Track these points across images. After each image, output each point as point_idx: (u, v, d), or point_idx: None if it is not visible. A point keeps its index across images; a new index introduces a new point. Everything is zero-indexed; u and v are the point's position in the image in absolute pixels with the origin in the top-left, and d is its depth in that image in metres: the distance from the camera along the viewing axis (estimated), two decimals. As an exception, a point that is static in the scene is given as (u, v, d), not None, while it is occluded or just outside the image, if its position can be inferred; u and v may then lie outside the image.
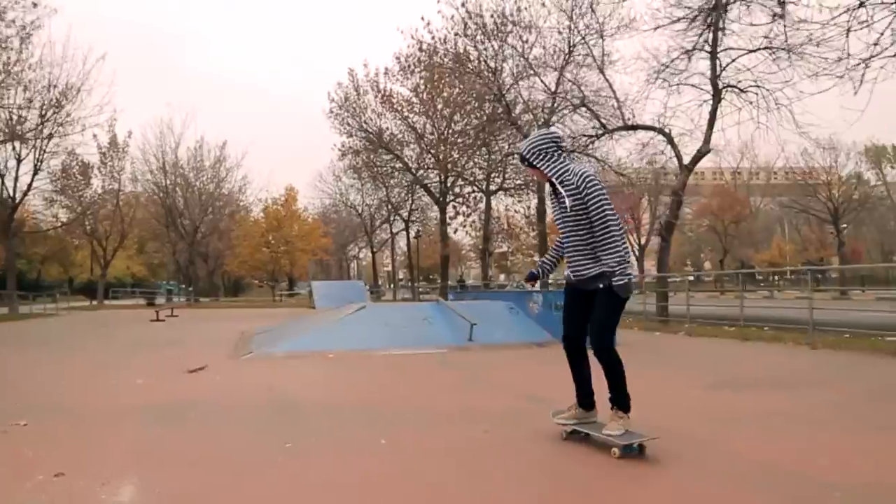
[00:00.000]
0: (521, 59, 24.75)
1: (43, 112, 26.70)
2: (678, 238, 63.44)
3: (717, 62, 18.52)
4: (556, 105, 24.81)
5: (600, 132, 20.19)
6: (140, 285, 55.31)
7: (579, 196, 3.99)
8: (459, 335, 11.54)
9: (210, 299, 47.25)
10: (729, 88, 18.60)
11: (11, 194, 29.78)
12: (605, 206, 3.96)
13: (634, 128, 19.37)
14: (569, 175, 4.06)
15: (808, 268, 18.71)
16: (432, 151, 38.31)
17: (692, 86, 18.79)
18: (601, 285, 4.01)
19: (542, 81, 25.39)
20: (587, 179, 4.00)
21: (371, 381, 7.96)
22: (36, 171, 29.89)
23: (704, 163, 26.07)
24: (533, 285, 4.85)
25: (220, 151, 45.98)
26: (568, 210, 4.04)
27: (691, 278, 38.37)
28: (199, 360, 9.23)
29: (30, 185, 30.44)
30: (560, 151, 4.19)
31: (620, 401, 4.11)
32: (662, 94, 19.02)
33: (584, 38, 21.20)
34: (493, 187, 33.17)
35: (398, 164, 40.17)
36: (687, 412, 5.61)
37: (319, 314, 15.48)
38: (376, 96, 38.72)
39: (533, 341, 11.71)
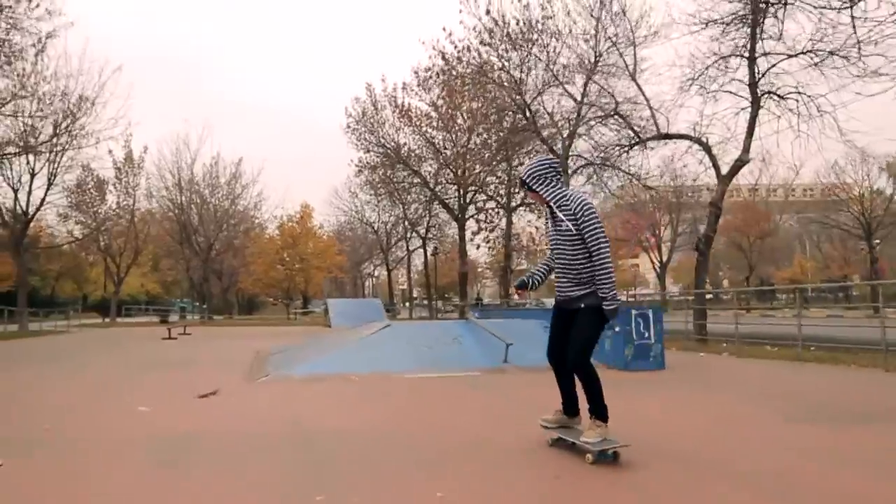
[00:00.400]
0: (547, 68, 23.92)
1: (57, 123, 26.18)
2: (692, 256, 62.55)
3: (756, 67, 17.62)
4: (582, 116, 23.96)
5: (634, 141, 19.24)
6: (154, 303, 54.79)
7: (576, 222, 4.18)
8: (492, 356, 10.57)
9: (224, 317, 46.66)
10: (768, 95, 17.68)
11: (24, 209, 29.25)
12: (600, 234, 4.17)
13: (669, 137, 18.44)
14: (567, 200, 4.24)
15: (875, 282, 17.51)
16: (451, 166, 37.70)
17: (730, 92, 17.88)
18: (583, 304, 4.24)
19: (566, 91, 24.59)
20: (584, 206, 4.19)
21: (404, 408, 7.01)
22: (49, 184, 29.40)
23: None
24: (521, 295, 4.96)
25: (235, 168, 45.49)
26: (568, 233, 4.21)
27: (725, 296, 37.11)
28: (211, 383, 8.35)
29: (43, 200, 29.92)
30: (558, 177, 4.41)
31: (598, 411, 4.30)
32: (697, 102, 18.02)
33: (614, 44, 20.29)
34: (513, 203, 32.22)
35: (416, 180, 39.50)
36: (777, 450, 4.64)
37: (339, 333, 14.56)
38: (394, 111, 38.24)
39: (574, 363, 10.74)
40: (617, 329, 10.42)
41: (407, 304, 65.83)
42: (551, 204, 4.27)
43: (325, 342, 12.52)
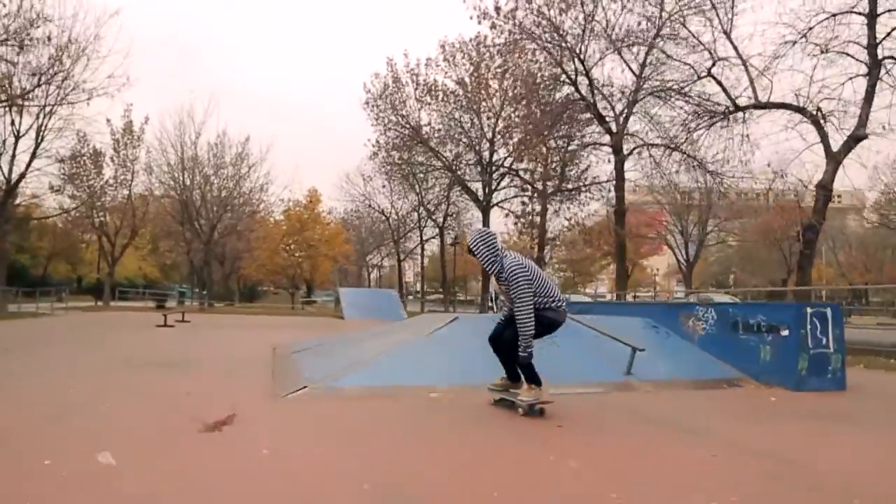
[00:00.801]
0: (604, 33, 20.95)
1: (40, 70, 23.02)
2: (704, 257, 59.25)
3: (876, 27, 14.71)
4: (642, 82, 21.08)
5: (731, 109, 16.27)
6: (151, 287, 51.64)
7: (508, 284, 5.41)
8: (608, 366, 7.70)
9: (224, 304, 43.57)
10: (892, 60, 14.76)
11: (7, 175, 26.25)
12: (523, 297, 5.32)
13: (769, 106, 15.46)
14: (502, 272, 5.45)
15: None
16: (476, 149, 34.84)
17: (845, 54, 14.91)
18: None
19: (625, 62, 21.66)
20: (512, 274, 5.37)
21: (537, 457, 4.08)
22: (37, 147, 26.39)
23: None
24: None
25: (242, 147, 42.30)
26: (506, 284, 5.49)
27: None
28: (222, 401, 5.48)
29: (28, 165, 26.86)
30: (497, 247, 5.59)
31: (532, 379, 5.50)
32: (798, 67, 14.99)
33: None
34: (550, 188, 29.21)
35: (437, 163, 36.62)
36: None
37: (380, 327, 11.58)
38: (416, 88, 35.37)
39: (716, 378, 7.86)
40: (785, 332, 7.52)
41: (416, 296, 63.04)
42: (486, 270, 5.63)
43: (367, 338, 9.58)
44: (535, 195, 30.28)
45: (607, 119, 22.49)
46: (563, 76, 22.55)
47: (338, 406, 5.60)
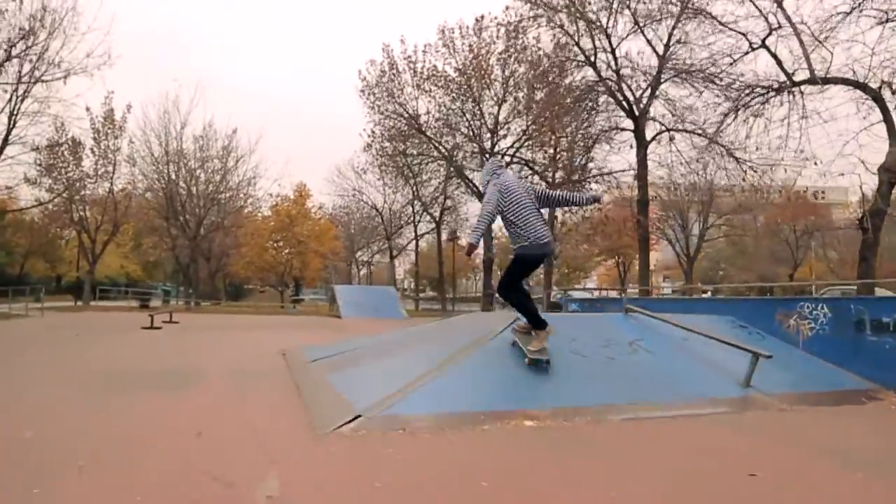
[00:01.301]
0: (629, 7, 19.41)
1: (13, 42, 20.97)
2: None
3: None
4: (665, 61, 19.59)
5: (787, 85, 14.75)
6: (134, 286, 49.54)
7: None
8: (714, 377, 6.16)
9: (211, 303, 41.66)
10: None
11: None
12: (487, 198, 5.82)
13: (828, 81, 13.95)
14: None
15: None
16: (476, 141, 33.30)
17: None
18: None
19: (648, 41, 20.18)
20: (487, 183, 5.97)
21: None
22: (9, 132, 24.42)
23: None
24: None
25: (228, 140, 40.30)
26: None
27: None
28: (250, 443, 3.86)
29: (0, 151, 24.81)
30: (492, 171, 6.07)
31: (535, 324, 5.80)
32: (857, 38, 13.49)
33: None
34: (558, 178, 27.66)
35: (434, 153, 35.07)
36: None
37: (406, 330, 9.92)
38: (414, 75, 33.76)
39: (848, 389, 6.36)
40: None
41: (400, 293, 61.50)
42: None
43: (399, 345, 7.95)
44: (544, 185, 28.68)
45: (627, 103, 20.99)
46: (581, 56, 20.99)
47: (413, 445, 4.00)
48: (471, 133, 33.39)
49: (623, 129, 21.75)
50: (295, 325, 20.33)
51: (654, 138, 20.82)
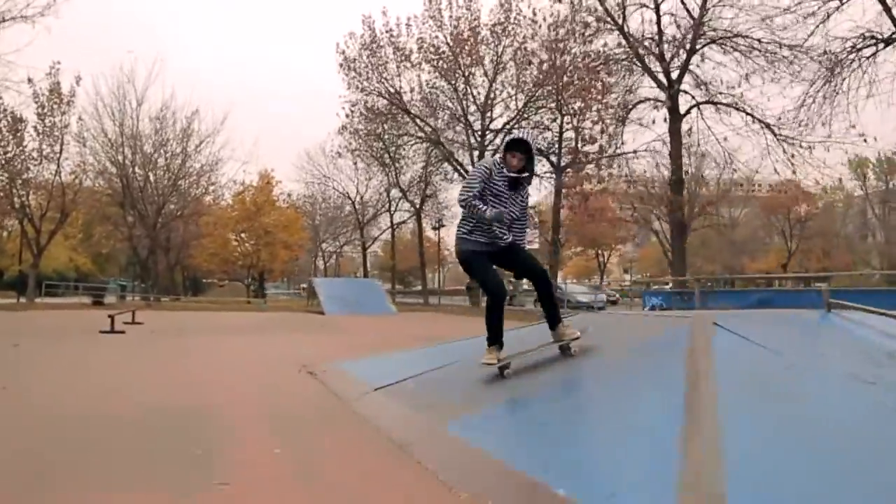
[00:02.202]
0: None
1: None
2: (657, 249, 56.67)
3: None
4: (704, 20, 17.25)
5: (868, 43, 12.47)
6: (85, 280, 45.42)
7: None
8: None
9: (170, 299, 38.09)
10: None
11: None
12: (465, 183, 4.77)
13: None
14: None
15: None
16: (465, 120, 30.77)
17: None
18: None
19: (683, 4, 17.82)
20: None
21: None
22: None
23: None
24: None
25: (188, 122, 36.60)
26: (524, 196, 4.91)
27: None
28: None
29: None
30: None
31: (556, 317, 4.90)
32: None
33: None
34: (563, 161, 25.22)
35: (419, 135, 32.48)
36: None
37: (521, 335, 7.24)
38: (396, 51, 31.07)
39: None
40: None
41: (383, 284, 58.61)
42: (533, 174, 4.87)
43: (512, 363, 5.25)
44: (551, 166, 26.24)
45: (658, 72, 18.61)
46: (608, 20, 18.51)
47: None
48: (458, 112, 30.90)
49: (650, 100, 19.34)
50: (280, 325, 17.44)
51: (689, 111, 18.52)
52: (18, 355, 8.77)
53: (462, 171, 31.27)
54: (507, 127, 29.22)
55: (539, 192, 33.73)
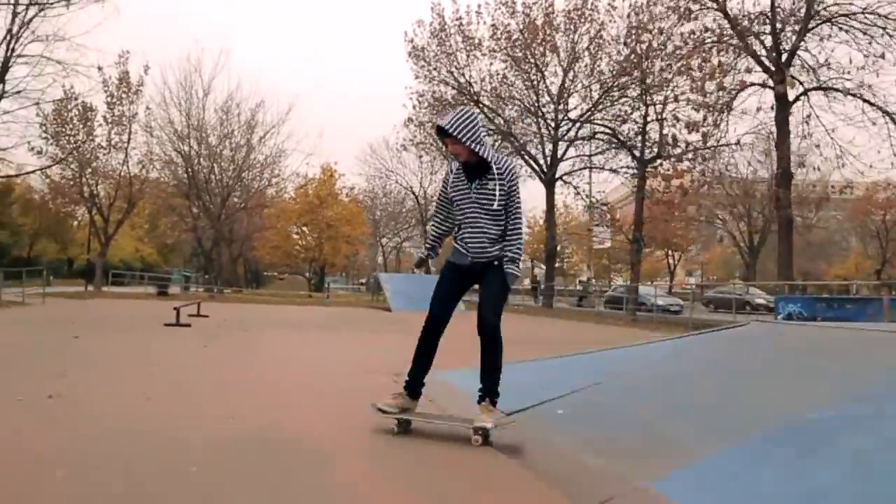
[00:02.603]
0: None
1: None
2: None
3: None
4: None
5: None
6: (150, 271, 45.75)
7: (504, 187, 3.75)
8: None
9: (232, 291, 37.82)
10: None
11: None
12: (520, 204, 3.86)
13: None
14: (499, 163, 3.80)
15: None
16: (537, 114, 29.37)
17: None
18: (496, 262, 3.81)
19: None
20: (513, 174, 3.84)
21: None
22: (4, 72, 20.59)
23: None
24: (419, 272, 6.76)
25: (252, 114, 36.09)
26: (492, 196, 3.73)
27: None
28: None
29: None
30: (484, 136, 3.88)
31: (494, 389, 3.76)
32: None
33: None
34: (648, 154, 23.54)
35: (490, 126, 31.20)
36: None
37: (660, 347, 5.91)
38: (464, 40, 29.91)
39: None
40: None
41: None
42: (489, 163, 3.72)
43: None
44: (632, 159, 24.63)
45: (762, 55, 16.89)
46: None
47: None
48: (531, 102, 29.54)
49: (762, 87, 17.58)
50: (350, 321, 16.46)
51: (797, 98, 16.76)
52: (77, 350, 7.91)
53: (534, 165, 29.93)
54: (583, 118, 27.79)
55: (609, 184, 32.17)
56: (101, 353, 7.69)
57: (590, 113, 27.09)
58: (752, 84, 17.76)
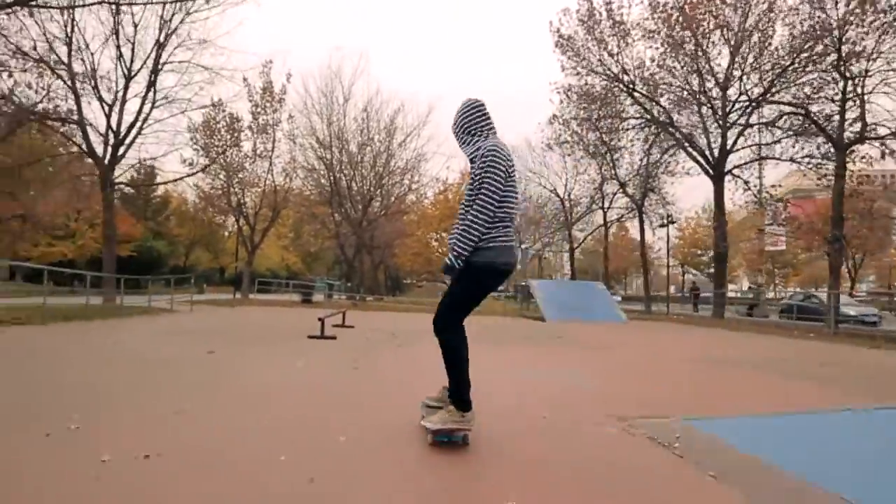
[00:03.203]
0: None
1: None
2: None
3: None
4: None
5: None
6: (295, 278, 46.45)
7: (474, 172, 3.54)
8: None
9: (373, 298, 37.21)
10: None
11: (115, 127, 20.55)
12: (491, 188, 3.42)
13: None
14: (477, 154, 3.59)
15: None
16: (707, 100, 26.26)
17: None
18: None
19: None
20: (484, 158, 3.49)
21: None
22: (152, 82, 20.68)
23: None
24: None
25: (391, 119, 35.45)
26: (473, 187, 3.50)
27: None
28: None
29: (139, 112, 21.09)
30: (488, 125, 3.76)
31: (458, 395, 3.61)
32: None
33: None
34: (847, 133, 20.00)
35: (647, 116, 28.47)
36: None
37: None
38: (614, 26, 27.45)
39: None
40: None
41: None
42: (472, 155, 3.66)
43: None
44: (826, 140, 21.11)
45: None
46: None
47: None
48: (694, 89, 26.48)
49: None
50: (504, 333, 14.47)
51: None
52: (207, 372, 6.48)
53: (699, 158, 26.83)
54: (754, 103, 24.44)
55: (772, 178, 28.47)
56: (232, 376, 6.18)
57: (769, 93, 23.65)
58: None
